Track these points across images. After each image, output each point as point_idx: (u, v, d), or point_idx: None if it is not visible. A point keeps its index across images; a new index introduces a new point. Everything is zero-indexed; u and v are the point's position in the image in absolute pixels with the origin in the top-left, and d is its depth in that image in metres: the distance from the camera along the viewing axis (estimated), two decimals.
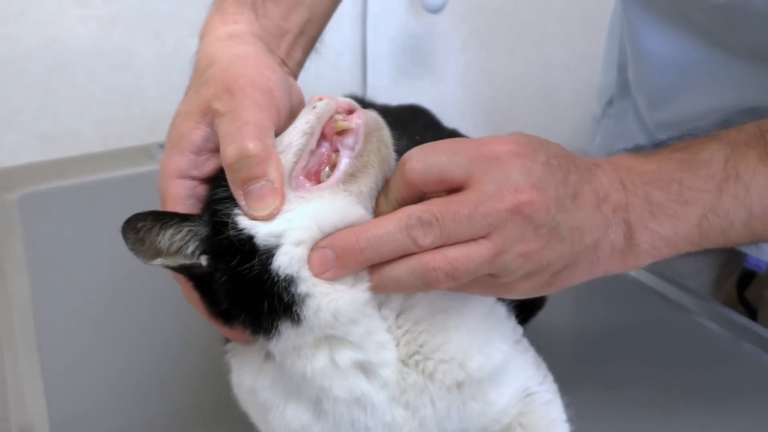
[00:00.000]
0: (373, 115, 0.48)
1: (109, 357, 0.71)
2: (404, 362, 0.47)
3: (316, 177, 0.47)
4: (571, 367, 0.58)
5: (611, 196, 0.47)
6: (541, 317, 0.67)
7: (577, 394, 0.56)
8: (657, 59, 0.81)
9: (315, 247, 0.44)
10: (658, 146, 0.50)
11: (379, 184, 0.47)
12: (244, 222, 0.44)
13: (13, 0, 1.23)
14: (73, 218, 0.98)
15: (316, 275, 0.43)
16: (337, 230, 0.44)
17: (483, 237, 0.43)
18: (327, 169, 0.47)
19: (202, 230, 0.46)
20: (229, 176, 0.45)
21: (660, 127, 0.86)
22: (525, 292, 0.47)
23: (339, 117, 0.48)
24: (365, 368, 0.46)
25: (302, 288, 0.43)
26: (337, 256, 0.43)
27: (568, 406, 0.56)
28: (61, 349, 0.72)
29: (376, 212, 0.46)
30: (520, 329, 0.58)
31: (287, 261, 0.43)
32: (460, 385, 0.48)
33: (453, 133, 0.84)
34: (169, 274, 0.49)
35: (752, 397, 0.62)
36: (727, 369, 0.67)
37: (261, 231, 0.44)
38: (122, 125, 1.37)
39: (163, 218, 0.45)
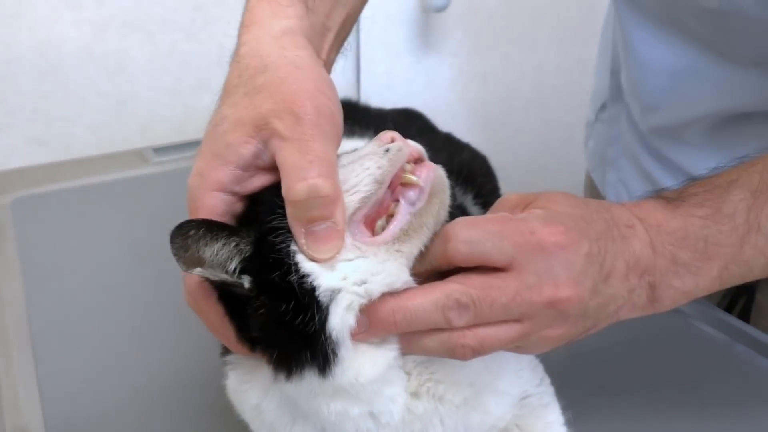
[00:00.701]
0: (440, 174, 0.47)
1: (104, 360, 0.71)
2: (415, 394, 0.48)
3: (371, 225, 0.46)
4: (567, 371, 0.58)
5: (641, 262, 0.48)
6: None
7: (574, 397, 0.57)
8: (650, 64, 0.82)
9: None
10: (681, 193, 0.50)
11: (426, 245, 0.46)
12: (305, 266, 0.43)
13: (5, 4, 1.23)
14: (67, 222, 0.98)
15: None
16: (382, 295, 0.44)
17: (514, 320, 0.44)
18: (384, 219, 0.46)
19: (248, 249, 0.44)
20: (292, 212, 0.43)
21: (652, 131, 0.86)
22: (541, 352, 0.49)
23: (408, 167, 0.46)
24: (375, 415, 0.47)
25: (343, 351, 0.43)
26: (371, 324, 0.43)
27: (565, 409, 0.56)
28: (55, 353, 0.72)
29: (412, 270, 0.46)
30: None
31: (339, 325, 0.43)
32: (466, 401, 0.49)
33: (447, 137, 0.84)
34: (165, 278, 0.48)
35: (745, 398, 0.63)
36: (721, 371, 0.67)
37: (323, 285, 0.42)
38: (115, 129, 1.37)
39: (215, 229, 0.43)
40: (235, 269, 0.44)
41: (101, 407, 0.65)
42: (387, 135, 0.46)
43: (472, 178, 0.76)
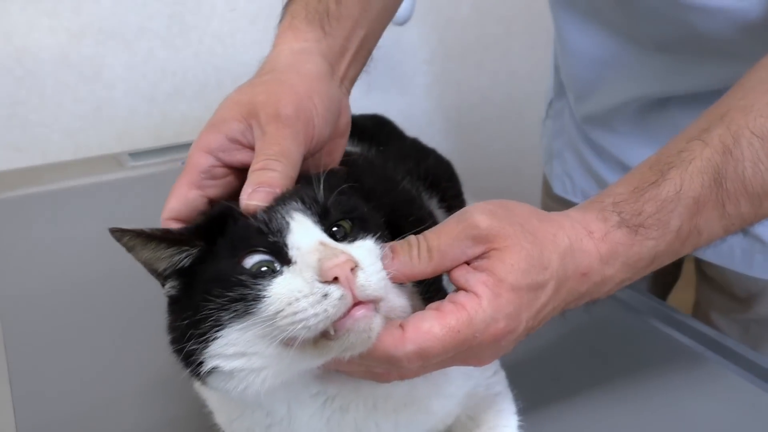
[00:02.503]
0: (365, 331, 0.42)
1: (76, 363, 0.71)
2: (342, 408, 0.50)
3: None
4: (521, 363, 0.61)
5: (584, 296, 0.50)
6: None
7: (525, 386, 0.59)
8: (579, 55, 0.86)
9: None
10: (640, 214, 0.51)
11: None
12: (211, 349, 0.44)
13: None
14: (43, 225, 0.99)
15: None
16: None
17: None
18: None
19: (187, 261, 0.47)
20: (249, 179, 0.49)
21: (585, 119, 0.91)
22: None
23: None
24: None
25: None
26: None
27: (516, 399, 0.59)
28: (28, 357, 0.72)
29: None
30: None
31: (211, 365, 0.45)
32: (406, 405, 0.51)
33: (414, 143, 0.87)
34: (139, 280, 0.50)
35: (686, 384, 0.66)
36: (664, 360, 0.70)
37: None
38: (92, 134, 1.38)
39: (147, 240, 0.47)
40: (165, 270, 0.47)
41: (72, 411, 0.65)
42: (330, 270, 0.41)
43: (437, 183, 0.79)
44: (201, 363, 0.44)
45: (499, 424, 0.57)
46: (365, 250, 0.45)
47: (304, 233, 0.44)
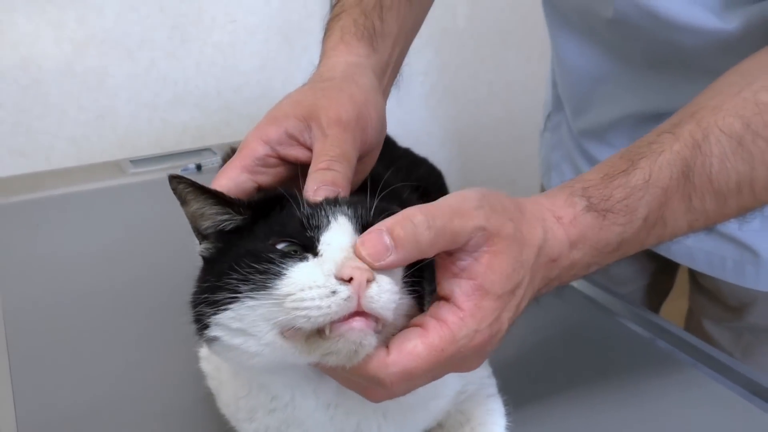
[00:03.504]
0: (355, 343, 0.43)
1: (78, 366, 0.72)
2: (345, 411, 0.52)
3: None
4: (507, 366, 0.62)
5: (554, 280, 0.51)
6: None
7: (509, 388, 0.61)
8: (575, 72, 0.89)
9: None
10: (608, 199, 0.52)
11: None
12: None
13: None
14: (45, 229, 1.00)
15: None
16: None
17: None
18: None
19: (231, 224, 0.49)
20: (309, 178, 0.52)
21: (582, 134, 0.93)
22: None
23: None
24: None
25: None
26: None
27: (506, 403, 0.60)
28: (30, 358, 0.73)
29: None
30: None
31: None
32: (412, 406, 0.54)
33: (406, 152, 0.89)
34: (141, 283, 0.52)
35: (664, 388, 0.67)
36: (643, 364, 0.71)
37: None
38: (95, 142, 1.41)
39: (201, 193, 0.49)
40: (207, 228, 0.50)
41: (73, 412, 0.65)
42: (347, 268, 0.42)
43: (428, 193, 0.81)
44: (207, 326, 0.46)
45: (488, 421, 0.58)
46: (389, 272, 0.44)
47: (340, 234, 0.46)
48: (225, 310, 0.45)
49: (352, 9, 0.68)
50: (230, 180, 0.54)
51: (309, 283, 0.42)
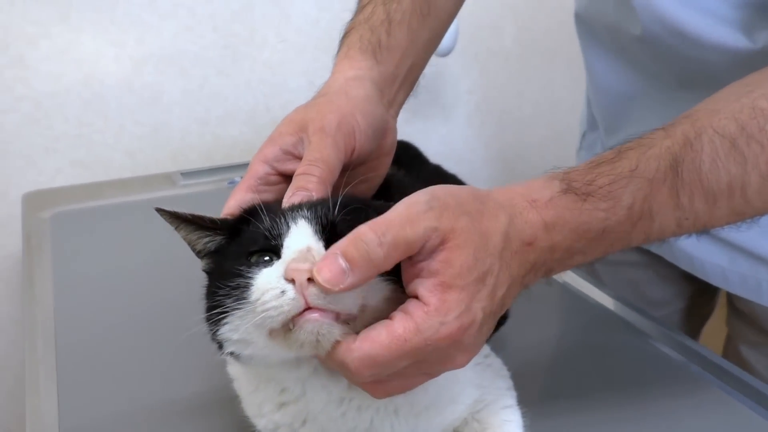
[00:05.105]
0: (315, 333, 0.45)
1: (125, 375, 0.74)
2: (359, 407, 0.53)
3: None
4: (532, 383, 0.64)
5: (536, 265, 0.50)
6: (508, 333, 0.72)
7: (534, 405, 0.61)
8: (607, 90, 0.89)
9: None
10: (591, 184, 0.51)
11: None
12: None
13: (56, 42, 1.34)
14: (100, 236, 1.05)
15: None
16: None
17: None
18: None
19: (215, 243, 0.55)
20: (293, 182, 0.56)
21: None
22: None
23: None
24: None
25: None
26: None
27: (524, 415, 0.61)
28: (79, 368, 0.75)
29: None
30: (486, 348, 0.64)
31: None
32: (428, 408, 0.55)
33: (436, 169, 0.91)
34: (188, 291, 0.56)
35: (695, 414, 0.67)
36: (675, 387, 0.71)
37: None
38: (149, 154, 1.47)
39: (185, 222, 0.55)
40: (200, 251, 0.55)
41: (119, 421, 0.67)
42: (288, 270, 0.45)
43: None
44: (220, 342, 0.51)
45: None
46: None
47: (299, 237, 0.49)
48: (224, 324, 0.49)
49: (360, 26, 0.71)
50: (237, 201, 0.58)
51: (267, 287, 0.46)
